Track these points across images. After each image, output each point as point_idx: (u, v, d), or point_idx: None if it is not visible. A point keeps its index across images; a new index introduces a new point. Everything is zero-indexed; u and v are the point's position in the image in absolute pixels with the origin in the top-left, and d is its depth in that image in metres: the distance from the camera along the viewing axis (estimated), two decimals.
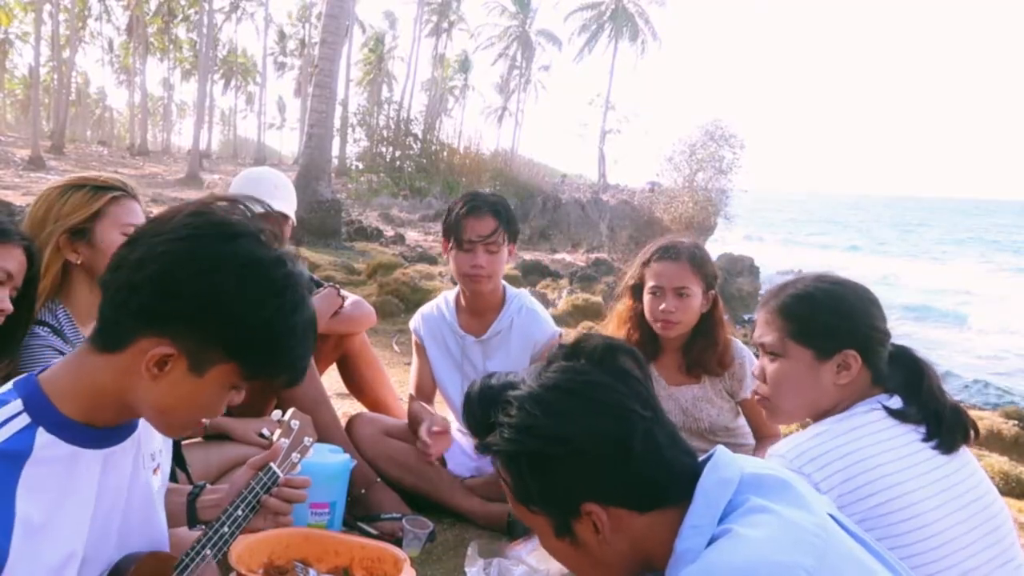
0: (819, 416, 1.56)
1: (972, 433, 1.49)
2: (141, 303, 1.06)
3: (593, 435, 1.01)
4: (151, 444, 1.31)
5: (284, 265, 1.11)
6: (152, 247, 1.07)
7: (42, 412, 1.10)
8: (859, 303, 1.56)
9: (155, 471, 1.33)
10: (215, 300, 1.05)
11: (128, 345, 1.08)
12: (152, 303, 1.06)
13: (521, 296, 2.81)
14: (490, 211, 2.58)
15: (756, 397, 1.71)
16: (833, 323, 1.53)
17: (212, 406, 1.16)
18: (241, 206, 1.15)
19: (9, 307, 1.69)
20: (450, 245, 2.64)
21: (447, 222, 2.65)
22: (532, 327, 2.73)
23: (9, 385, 1.14)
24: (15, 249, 1.69)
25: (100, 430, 1.15)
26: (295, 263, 1.14)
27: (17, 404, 1.10)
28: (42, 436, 1.09)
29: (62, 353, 1.84)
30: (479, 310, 2.76)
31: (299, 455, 1.53)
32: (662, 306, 2.47)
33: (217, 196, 1.17)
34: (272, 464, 1.47)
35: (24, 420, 1.09)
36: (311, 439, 1.56)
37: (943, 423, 1.47)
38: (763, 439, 2.60)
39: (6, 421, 1.08)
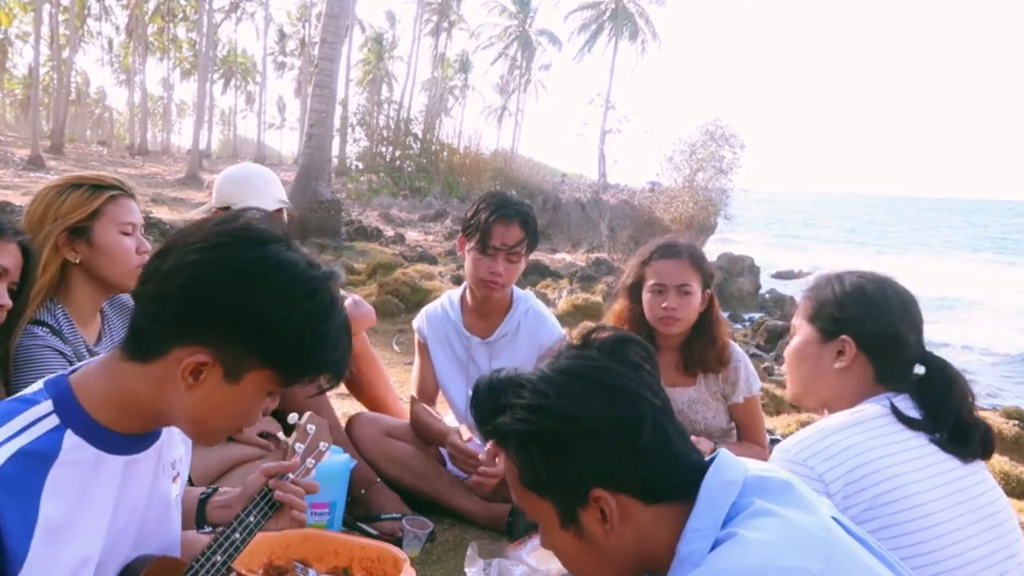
0: (827, 406, 1.61)
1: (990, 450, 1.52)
2: (173, 313, 1.06)
3: (605, 416, 1.01)
4: (172, 452, 1.31)
5: (316, 268, 1.11)
6: (182, 256, 1.06)
7: (71, 414, 1.10)
8: (879, 300, 1.59)
9: (175, 479, 1.33)
10: (247, 307, 1.05)
11: (162, 355, 1.08)
12: (184, 313, 1.06)
13: (528, 298, 2.81)
14: (519, 220, 2.55)
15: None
16: (841, 309, 1.60)
17: (248, 413, 1.16)
18: (263, 214, 1.16)
19: (8, 302, 1.69)
20: (469, 245, 2.60)
21: (469, 222, 2.60)
22: (538, 330, 2.73)
23: (40, 385, 1.14)
24: (9, 244, 1.69)
25: (125, 437, 1.15)
26: (327, 265, 1.14)
27: (47, 405, 1.10)
28: (70, 438, 1.09)
29: (61, 353, 1.84)
30: (486, 312, 2.75)
31: (314, 460, 1.51)
32: (664, 303, 2.48)
33: (242, 209, 1.18)
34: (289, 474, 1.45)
35: (53, 421, 1.09)
36: (326, 444, 1.54)
37: (967, 437, 1.47)
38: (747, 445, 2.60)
39: (36, 421, 1.08)
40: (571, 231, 20.30)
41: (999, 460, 4.11)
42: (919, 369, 1.54)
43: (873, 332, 1.56)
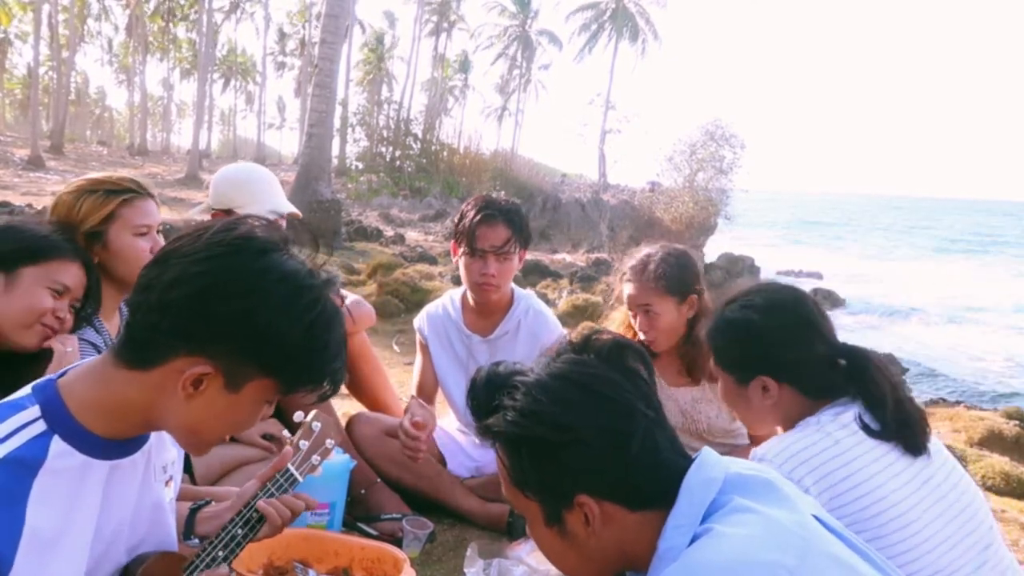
0: (786, 428, 1.58)
1: (926, 428, 1.50)
2: (176, 324, 1.05)
3: (596, 428, 1.02)
4: (163, 456, 1.30)
5: (316, 277, 1.11)
6: (184, 267, 1.05)
7: (59, 420, 1.08)
8: (773, 328, 1.57)
9: (167, 483, 1.32)
10: (251, 319, 1.05)
11: (160, 364, 1.07)
12: (188, 323, 1.05)
13: (528, 297, 2.82)
14: (504, 220, 2.55)
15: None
16: (740, 353, 1.60)
17: (245, 422, 1.16)
18: (262, 221, 1.14)
19: (68, 319, 1.75)
20: (461, 250, 2.61)
21: (458, 227, 2.61)
22: (539, 328, 2.74)
23: (28, 389, 1.12)
24: (72, 264, 1.75)
25: (111, 441, 1.13)
26: (327, 272, 1.14)
27: (35, 410, 1.08)
28: (57, 444, 1.07)
29: (93, 345, 1.92)
30: (486, 311, 2.76)
31: (320, 458, 1.51)
32: (636, 323, 2.54)
33: (242, 216, 1.16)
34: (289, 467, 1.45)
35: (40, 427, 1.07)
36: (332, 441, 1.54)
37: (914, 430, 1.48)
38: (757, 442, 2.60)
39: (23, 427, 1.06)
40: (571, 231, 20.28)
41: (999, 460, 4.11)
42: (842, 363, 1.55)
43: (782, 363, 1.55)
